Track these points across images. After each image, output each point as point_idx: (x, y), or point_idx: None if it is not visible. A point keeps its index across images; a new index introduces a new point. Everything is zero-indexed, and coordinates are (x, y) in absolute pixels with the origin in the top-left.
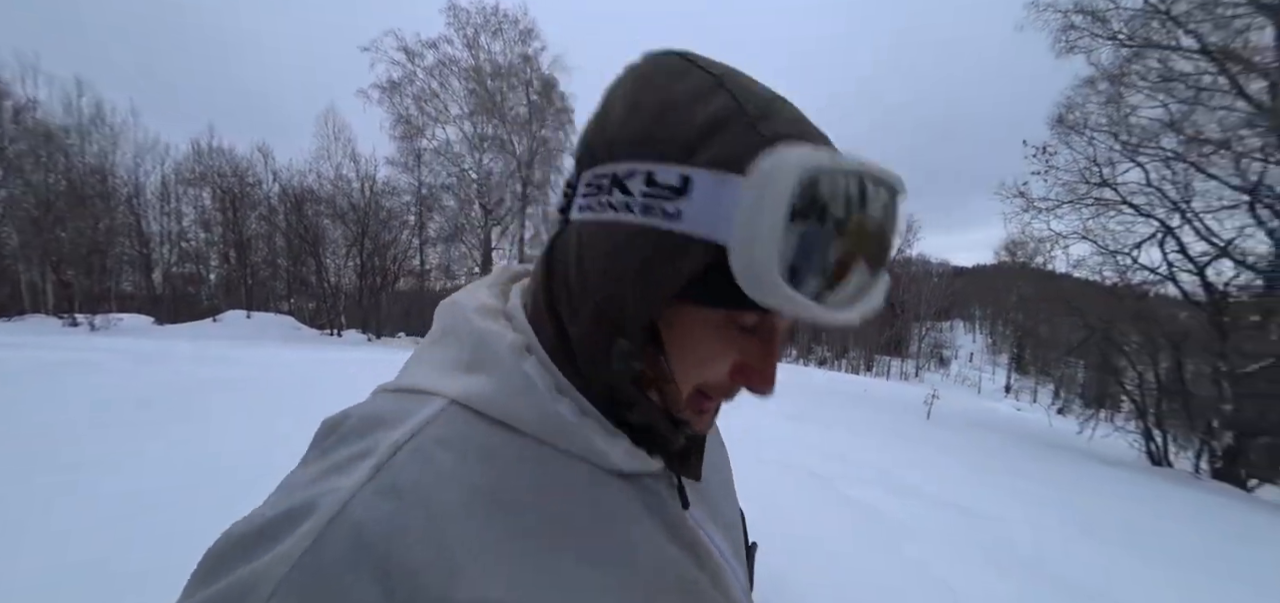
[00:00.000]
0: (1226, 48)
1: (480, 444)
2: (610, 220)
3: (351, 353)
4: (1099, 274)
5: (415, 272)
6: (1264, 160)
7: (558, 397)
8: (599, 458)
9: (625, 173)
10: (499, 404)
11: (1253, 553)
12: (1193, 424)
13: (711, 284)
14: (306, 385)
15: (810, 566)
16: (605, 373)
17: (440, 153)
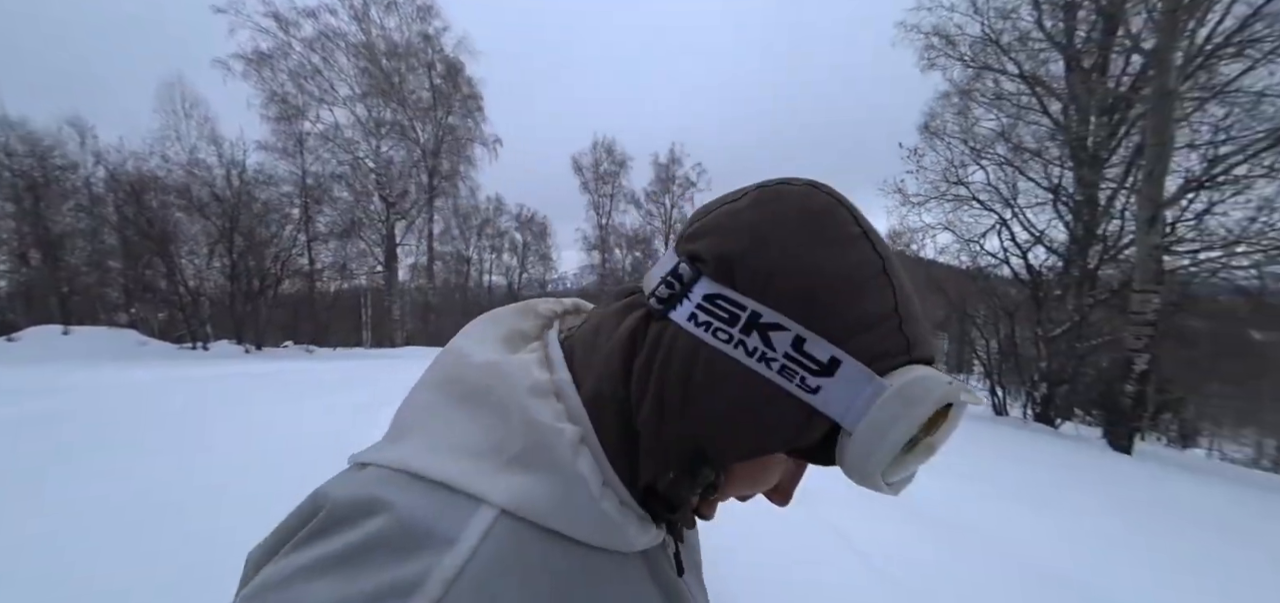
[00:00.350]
0: (1035, 74)
1: (538, 565)
2: (741, 364)
3: (225, 368)
4: (957, 259)
5: (303, 272)
6: (1061, 166)
7: (604, 492)
8: (624, 544)
9: (772, 323)
10: (555, 516)
11: (1054, 475)
12: (1021, 379)
13: (808, 445)
14: (153, 416)
15: (733, 532)
16: (670, 486)
17: (328, 138)
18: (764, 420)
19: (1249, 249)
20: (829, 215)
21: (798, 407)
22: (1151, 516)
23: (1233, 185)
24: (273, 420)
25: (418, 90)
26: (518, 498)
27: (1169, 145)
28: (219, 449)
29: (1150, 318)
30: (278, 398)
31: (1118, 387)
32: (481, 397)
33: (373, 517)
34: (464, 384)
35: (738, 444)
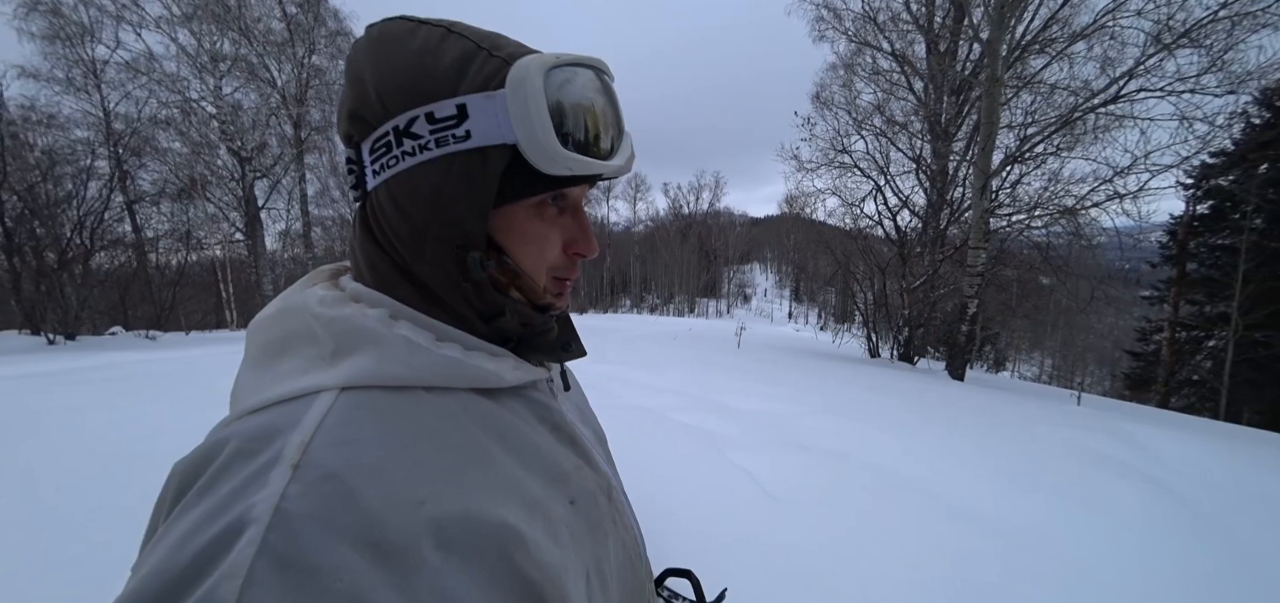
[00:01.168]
0: (903, 53)
1: (389, 410)
2: (413, 165)
3: (13, 366)
4: (843, 222)
5: (125, 241)
6: (922, 139)
7: (442, 344)
8: (493, 381)
9: (406, 123)
10: (390, 373)
11: (908, 402)
12: (890, 325)
13: (517, 180)
14: None
15: (659, 482)
16: (470, 293)
17: (138, 71)
18: (459, 185)
19: (1042, 213)
20: (385, 30)
21: (468, 157)
22: (971, 424)
23: (1035, 161)
24: (110, 426)
25: (265, 18)
26: (352, 375)
27: (995, 125)
28: (35, 474)
29: (980, 270)
30: (105, 398)
31: (956, 327)
32: (292, 332)
33: (218, 454)
34: (266, 335)
35: (465, 218)
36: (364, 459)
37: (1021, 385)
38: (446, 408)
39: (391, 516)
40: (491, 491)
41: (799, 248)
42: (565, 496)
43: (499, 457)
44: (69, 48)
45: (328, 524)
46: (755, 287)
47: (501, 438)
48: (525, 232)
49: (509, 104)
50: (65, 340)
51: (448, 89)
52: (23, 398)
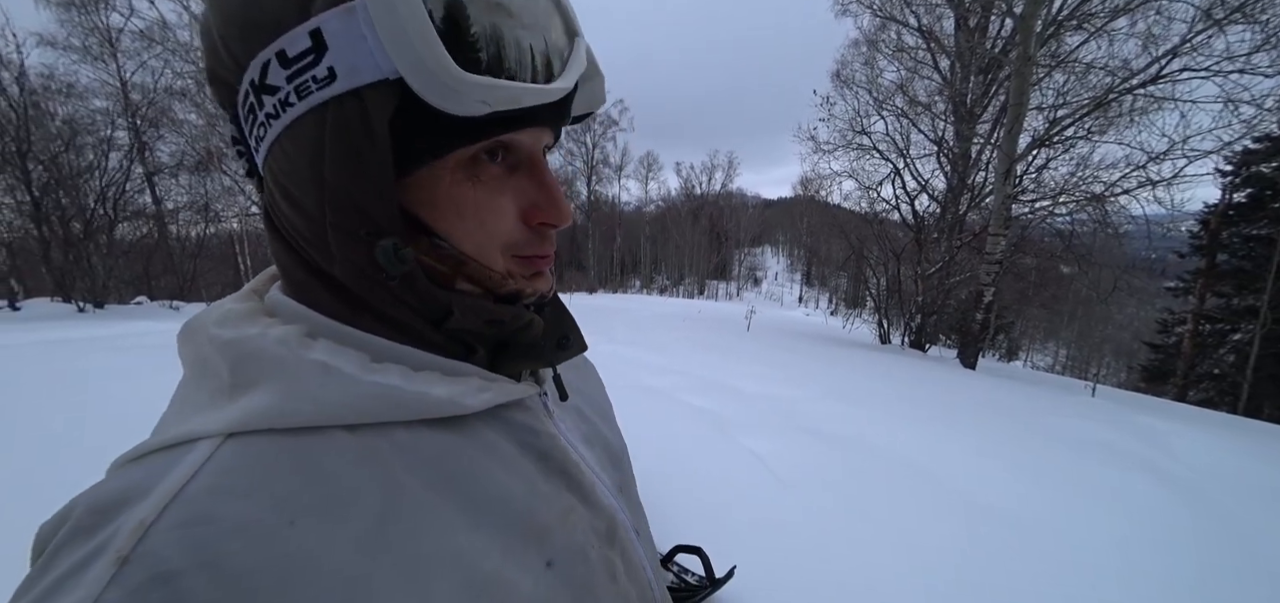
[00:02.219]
0: (930, 28)
1: (284, 466)
2: (279, 130)
3: (49, 332)
4: (858, 205)
5: (146, 213)
6: (945, 121)
7: (375, 367)
8: (449, 409)
9: (259, 74)
10: (293, 411)
11: (918, 389)
12: (903, 312)
13: (424, 131)
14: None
15: (668, 462)
16: (397, 293)
17: (152, 39)
18: (337, 148)
19: (1067, 199)
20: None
21: (340, 105)
22: (981, 414)
23: (1063, 145)
24: (138, 394)
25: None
26: (242, 417)
27: (1025, 106)
28: (63, 431)
29: (998, 257)
30: (134, 365)
31: (970, 315)
32: (195, 359)
33: (62, 525)
34: (185, 361)
35: (356, 193)
36: (225, 551)
37: (1034, 375)
38: (374, 456)
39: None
40: (414, 582)
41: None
42: (541, 557)
43: (441, 523)
44: (84, 15)
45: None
46: (766, 270)
47: (453, 489)
48: (457, 202)
49: (374, 17)
50: (94, 308)
51: (294, 14)
52: (54, 363)
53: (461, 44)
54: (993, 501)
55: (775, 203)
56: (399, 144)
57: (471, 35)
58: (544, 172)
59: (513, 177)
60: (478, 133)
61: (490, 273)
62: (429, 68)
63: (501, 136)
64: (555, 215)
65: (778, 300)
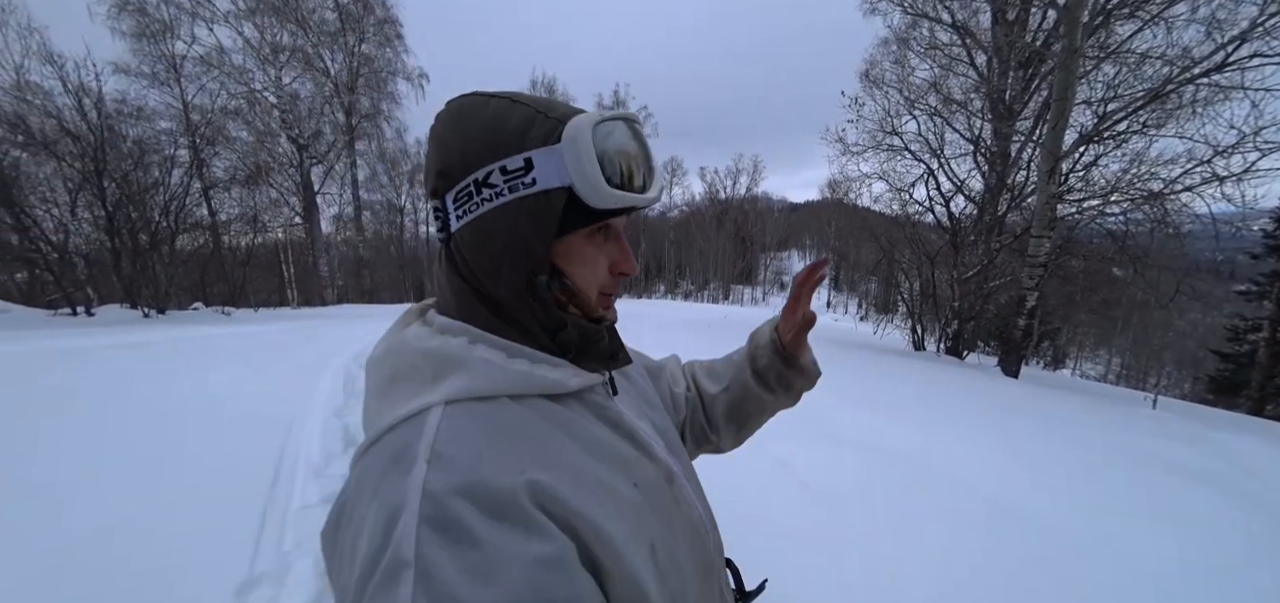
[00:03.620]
0: (965, 24)
1: (482, 415)
2: (491, 208)
3: (120, 336)
4: (890, 208)
5: (203, 225)
6: (982, 119)
7: (513, 360)
8: (558, 388)
9: (483, 176)
10: (478, 388)
11: (956, 399)
12: (938, 317)
13: (572, 214)
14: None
15: (703, 475)
16: (538, 311)
17: (210, 64)
18: (530, 222)
19: (1120, 198)
20: (463, 103)
21: (536, 198)
22: (1026, 424)
23: (1115, 140)
24: (198, 392)
25: (320, 10)
26: (450, 393)
27: (1070, 101)
28: (137, 426)
29: (1042, 260)
30: (196, 366)
31: (1012, 321)
32: (399, 368)
33: (375, 460)
34: (380, 372)
35: (532, 247)
36: (473, 448)
37: (1085, 385)
38: (524, 411)
39: (501, 485)
40: (569, 473)
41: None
42: (629, 479)
43: (570, 447)
44: (153, 44)
45: (458, 493)
46: (792, 274)
47: (569, 433)
48: (581, 256)
49: (565, 156)
50: (157, 314)
51: (516, 146)
52: (123, 364)
53: (606, 172)
54: (1041, 514)
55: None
56: (559, 220)
57: (610, 168)
58: (624, 240)
59: (608, 243)
60: (602, 216)
61: (589, 303)
62: (591, 184)
63: (610, 220)
64: (629, 268)
65: None
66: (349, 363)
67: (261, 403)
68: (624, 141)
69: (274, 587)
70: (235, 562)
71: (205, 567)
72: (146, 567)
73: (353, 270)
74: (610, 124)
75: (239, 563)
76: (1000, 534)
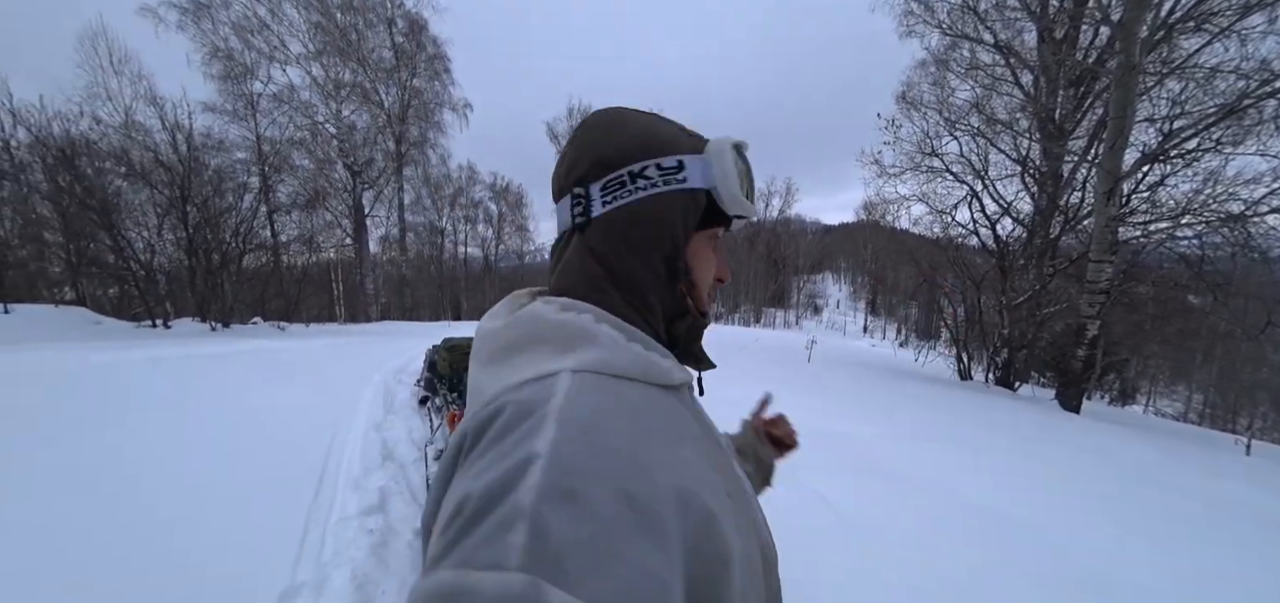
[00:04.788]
0: (1009, 44)
1: (608, 388)
2: (646, 196)
3: (192, 347)
4: (930, 230)
5: (266, 245)
6: (1029, 139)
7: (630, 343)
8: (665, 378)
9: (639, 168)
10: (607, 362)
11: (1006, 433)
12: (985, 345)
13: (710, 214)
14: (123, 399)
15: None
16: (667, 295)
17: (282, 100)
18: (679, 213)
19: (1193, 220)
20: (616, 111)
21: (685, 194)
22: (1089, 465)
23: (1183, 159)
24: (253, 402)
25: (378, 49)
26: (579, 361)
27: (1130, 119)
28: (198, 433)
29: (1103, 287)
30: (252, 378)
31: (1070, 351)
32: (517, 338)
33: (499, 417)
34: (499, 342)
35: (677, 233)
36: (606, 416)
37: (1160, 424)
38: (644, 397)
39: (634, 467)
40: (691, 473)
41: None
42: (724, 487)
43: (686, 445)
44: (236, 85)
45: (588, 461)
46: (827, 297)
47: (681, 429)
48: (701, 255)
49: (711, 163)
50: (222, 327)
51: (671, 149)
52: (192, 375)
53: (743, 184)
54: (1106, 568)
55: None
56: (701, 216)
57: (743, 182)
58: (724, 251)
59: (717, 251)
60: (726, 221)
61: (702, 299)
62: (732, 191)
63: (719, 227)
64: (727, 275)
65: (840, 330)
66: (388, 378)
67: (308, 415)
68: (747, 164)
69: (312, 596)
70: (280, 569)
71: (255, 573)
72: (203, 569)
73: (395, 288)
74: (737, 144)
75: (282, 571)
76: (1068, 588)
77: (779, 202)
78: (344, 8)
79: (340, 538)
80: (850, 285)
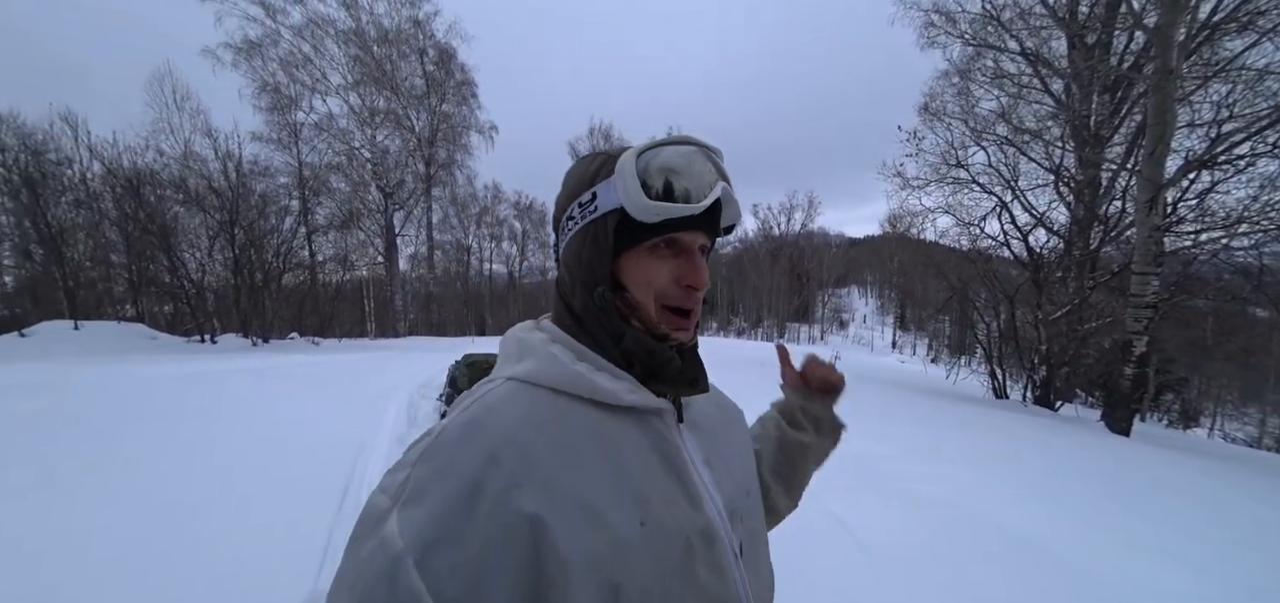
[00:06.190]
0: (1037, 52)
1: (525, 397)
2: (571, 235)
3: (235, 362)
4: (958, 243)
5: (304, 264)
6: (1062, 147)
7: (577, 362)
8: (608, 397)
9: (572, 210)
10: (538, 374)
11: (1045, 456)
12: (1021, 362)
13: (626, 233)
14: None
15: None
16: (599, 319)
17: (322, 128)
18: (592, 242)
19: (1249, 229)
20: (575, 163)
21: (597, 222)
22: (1144, 493)
23: (1234, 165)
24: (286, 415)
25: (410, 77)
26: (516, 372)
27: (1170, 125)
28: (234, 445)
29: (1150, 300)
30: (286, 391)
31: (1117, 369)
32: (506, 349)
33: (462, 399)
34: (504, 351)
35: (593, 263)
36: (492, 416)
37: (1224, 450)
38: (564, 408)
39: (486, 458)
40: (563, 476)
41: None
42: (637, 516)
43: (586, 458)
44: (281, 115)
45: (453, 442)
46: (853, 312)
47: (597, 444)
48: (641, 269)
49: (617, 183)
50: (263, 342)
51: (588, 184)
52: (236, 387)
53: (649, 190)
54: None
55: (862, 241)
56: (617, 239)
57: (651, 185)
58: (693, 255)
59: (676, 259)
60: (656, 232)
61: (649, 317)
62: (635, 202)
63: (668, 234)
64: (694, 279)
65: (867, 345)
66: (413, 393)
67: (336, 428)
68: (668, 160)
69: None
70: (304, 576)
71: (282, 578)
72: (237, 571)
73: (423, 305)
74: (654, 151)
75: (307, 577)
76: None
77: (801, 215)
78: (380, 40)
79: None
80: (877, 300)
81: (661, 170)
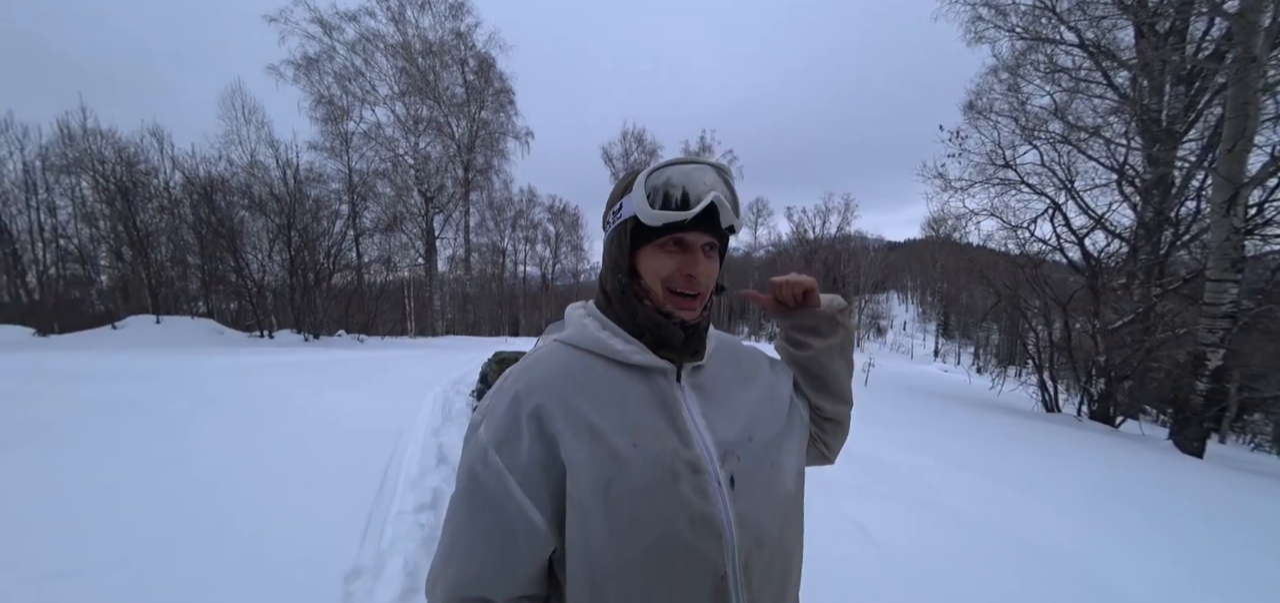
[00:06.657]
0: (1098, 43)
1: (562, 353)
2: (607, 236)
3: (289, 355)
4: (1005, 247)
5: (351, 265)
6: (1126, 144)
7: (601, 330)
8: (623, 357)
9: (609, 216)
10: (573, 337)
11: (1098, 475)
12: (1076, 374)
13: (641, 233)
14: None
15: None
16: (622, 299)
17: (370, 137)
18: (617, 241)
19: None
20: (621, 179)
21: (622, 225)
22: (1215, 521)
23: None
24: (334, 404)
25: (452, 86)
26: (562, 336)
27: (1253, 118)
28: (289, 429)
29: (1227, 310)
30: (333, 384)
31: (1188, 384)
32: (560, 322)
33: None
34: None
35: (617, 256)
36: (541, 372)
37: None
38: (588, 361)
39: (544, 401)
40: (588, 407)
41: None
42: (630, 439)
43: (598, 396)
44: (334, 126)
45: (512, 380)
46: (892, 318)
47: (609, 388)
48: (650, 261)
49: (633, 196)
50: (313, 338)
51: (619, 197)
52: (287, 379)
53: (654, 202)
54: None
55: (902, 245)
56: (634, 238)
57: (654, 197)
58: (693, 252)
59: (681, 254)
60: (662, 233)
61: (657, 297)
62: (643, 210)
63: (674, 235)
64: (691, 269)
65: (906, 353)
66: (447, 389)
67: (376, 419)
68: (671, 176)
69: (371, 579)
70: (346, 552)
71: (325, 553)
72: (282, 546)
73: (460, 305)
74: (662, 169)
75: (349, 553)
76: None
77: (837, 218)
78: (424, 52)
79: (397, 530)
80: (919, 306)
81: (663, 185)
